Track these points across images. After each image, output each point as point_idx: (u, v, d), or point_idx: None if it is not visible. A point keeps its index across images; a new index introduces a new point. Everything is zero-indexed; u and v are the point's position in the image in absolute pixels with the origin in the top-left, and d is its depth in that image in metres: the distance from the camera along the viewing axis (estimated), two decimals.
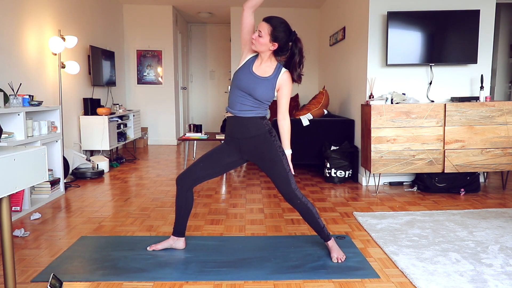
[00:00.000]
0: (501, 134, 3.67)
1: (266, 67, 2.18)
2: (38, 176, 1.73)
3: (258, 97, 2.17)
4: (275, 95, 2.23)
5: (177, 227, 2.40)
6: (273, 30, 2.08)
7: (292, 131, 4.46)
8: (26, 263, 2.25)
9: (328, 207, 3.34)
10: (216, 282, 2.03)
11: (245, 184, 4.17)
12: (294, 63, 2.16)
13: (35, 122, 3.37)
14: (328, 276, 2.09)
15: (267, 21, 2.12)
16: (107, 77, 5.73)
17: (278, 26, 2.09)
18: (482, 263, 2.22)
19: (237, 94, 2.20)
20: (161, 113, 7.22)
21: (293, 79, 2.20)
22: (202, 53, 8.96)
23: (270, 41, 2.09)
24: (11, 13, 3.64)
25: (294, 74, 2.18)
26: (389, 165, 3.70)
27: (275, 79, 2.18)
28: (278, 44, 2.11)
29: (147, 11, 7.00)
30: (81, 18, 5.16)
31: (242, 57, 2.25)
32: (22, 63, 3.83)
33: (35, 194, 3.52)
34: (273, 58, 2.19)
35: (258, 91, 2.15)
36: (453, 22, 3.84)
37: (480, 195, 3.71)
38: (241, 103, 2.20)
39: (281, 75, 2.18)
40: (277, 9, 7.06)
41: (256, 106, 2.21)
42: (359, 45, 4.38)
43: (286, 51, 2.16)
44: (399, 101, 3.77)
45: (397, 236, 2.65)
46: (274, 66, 2.19)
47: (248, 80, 2.16)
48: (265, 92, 2.16)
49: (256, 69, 2.18)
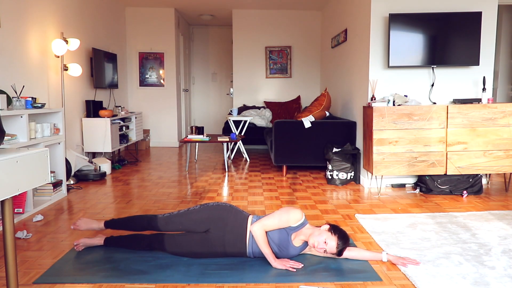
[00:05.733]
0: (503, 136, 3.66)
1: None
2: (41, 178, 1.73)
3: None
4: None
5: (114, 223, 2.47)
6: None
7: (294, 133, 4.49)
8: (28, 265, 2.25)
9: (330, 209, 3.34)
10: (218, 284, 2.03)
11: (246, 186, 4.17)
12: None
13: (38, 124, 3.38)
14: (330, 279, 2.08)
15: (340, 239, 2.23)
16: (109, 80, 5.75)
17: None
18: (485, 265, 2.21)
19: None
20: (163, 115, 7.23)
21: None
22: (204, 55, 8.97)
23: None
24: (14, 16, 3.65)
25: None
26: (391, 167, 3.69)
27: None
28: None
29: (149, 14, 7.02)
30: (83, 21, 5.18)
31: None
32: (25, 65, 3.84)
33: (38, 196, 3.53)
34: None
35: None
36: (455, 24, 3.83)
37: (482, 197, 3.70)
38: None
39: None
40: (279, 11, 7.08)
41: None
42: (361, 47, 4.38)
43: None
44: (401, 103, 3.76)
45: (400, 238, 2.64)
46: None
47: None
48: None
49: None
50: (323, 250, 2.18)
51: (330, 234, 2.19)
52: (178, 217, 2.35)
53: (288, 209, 2.27)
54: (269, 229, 2.24)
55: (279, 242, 2.25)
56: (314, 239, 2.19)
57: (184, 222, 2.33)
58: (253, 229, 2.22)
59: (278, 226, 2.24)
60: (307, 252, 2.37)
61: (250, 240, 2.26)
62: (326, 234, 2.18)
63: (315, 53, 7.25)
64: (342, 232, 2.21)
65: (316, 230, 2.24)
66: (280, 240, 2.25)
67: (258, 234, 2.21)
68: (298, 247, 2.29)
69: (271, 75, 7.29)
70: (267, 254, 2.21)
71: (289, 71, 7.28)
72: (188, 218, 2.33)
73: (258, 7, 6.94)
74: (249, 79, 7.30)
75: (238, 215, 2.32)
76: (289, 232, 2.26)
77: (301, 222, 2.27)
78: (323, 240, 2.17)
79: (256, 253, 2.28)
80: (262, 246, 2.21)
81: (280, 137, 4.53)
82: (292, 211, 2.25)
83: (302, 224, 2.27)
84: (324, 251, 2.19)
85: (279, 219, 2.24)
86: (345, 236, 2.20)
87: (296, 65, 7.29)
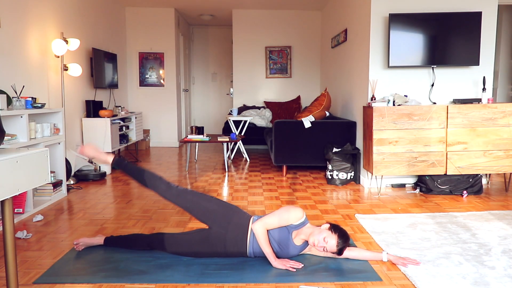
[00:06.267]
0: (503, 136, 3.66)
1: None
2: (41, 178, 1.73)
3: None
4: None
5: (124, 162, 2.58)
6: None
7: (294, 133, 4.49)
8: (28, 265, 2.25)
9: (330, 209, 3.34)
10: (218, 284, 2.03)
11: (246, 186, 4.17)
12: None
13: (38, 124, 3.38)
14: (330, 279, 2.08)
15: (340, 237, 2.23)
16: (109, 80, 5.74)
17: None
18: (485, 265, 2.21)
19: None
20: (163, 115, 7.23)
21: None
22: (204, 55, 8.97)
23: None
24: (14, 16, 3.65)
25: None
26: (391, 167, 3.69)
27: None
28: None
29: (149, 14, 7.02)
30: (83, 21, 5.18)
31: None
32: (25, 65, 3.84)
33: (38, 196, 3.53)
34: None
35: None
36: (455, 24, 3.83)
37: (482, 197, 3.70)
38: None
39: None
40: (279, 11, 7.08)
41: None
42: (361, 47, 4.38)
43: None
44: (401, 103, 3.76)
45: (400, 238, 2.64)
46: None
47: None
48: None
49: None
50: (323, 249, 2.19)
51: (331, 232, 2.19)
52: (191, 195, 2.36)
53: (289, 207, 2.28)
54: (270, 227, 2.25)
55: (280, 240, 2.25)
56: (314, 238, 2.19)
57: (193, 202, 2.34)
58: (255, 228, 2.23)
59: (279, 224, 2.25)
60: (307, 252, 2.37)
61: (251, 240, 2.26)
62: (326, 233, 2.19)
63: (315, 53, 7.25)
64: (342, 231, 2.22)
65: (316, 229, 2.24)
66: (281, 238, 2.25)
67: (260, 232, 2.22)
68: (299, 246, 2.29)
69: (271, 75, 7.30)
70: (268, 254, 2.21)
71: (289, 71, 7.28)
72: (197, 201, 2.34)
73: (258, 7, 6.94)
74: (249, 79, 7.30)
75: (242, 216, 2.32)
76: (290, 230, 2.26)
77: (302, 221, 2.27)
78: (323, 239, 2.17)
79: (256, 252, 2.28)
80: (263, 245, 2.21)
81: (280, 137, 4.53)
82: (293, 209, 2.26)
83: (303, 223, 2.28)
84: (323, 249, 2.19)
85: (280, 217, 2.24)
86: (345, 235, 2.21)
87: (296, 65, 7.29)
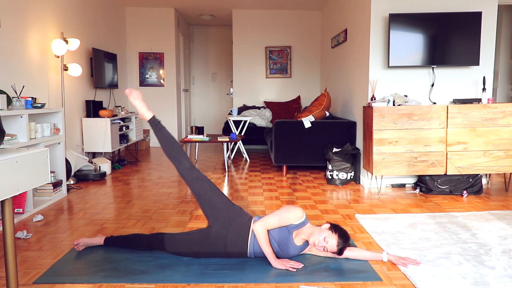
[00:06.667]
0: (503, 136, 3.66)
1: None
2: (41, 178, 1.73)
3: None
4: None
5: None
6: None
7: (294, 133, 4.49)
8: (28, 265, 2.25)
9: (330, 209, 3.34)
10: (218, 284, 2.03)
11: (246, 186, 4.17)
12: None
13: (38, 124, 3.38)
14: (330, 279, 2.08)
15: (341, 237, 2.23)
16: (109, 80, 5.75)
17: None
18: (485, 265, 2.21)
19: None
20: (163, 115, 7.23)
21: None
22: (204, 55, 8.98)
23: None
24: (14, 16, 3.65)
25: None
26: (391, 167, 3.69)
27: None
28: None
29: (149, 14, 7.02)
30: (83, 21, 5.18)
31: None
32: (25, 65, 3.84)
33: (38, 196, 3.53)
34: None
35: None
36: (455, 24, 3.83)
37: (482, 197, 3.70)
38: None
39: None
40: (279, 11, 7.08)
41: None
42: (361, 47, 4.38)
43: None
44: (401, 103, 3.76)
45: (400, 238, 2.64)
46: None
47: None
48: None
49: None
50: (323, 248, 2.19)
51: (331, 232, 2.19)
52: (208, 184, 2.36)
53: (289, 207, 2.28)
54: (270, 227, 2.25)
55: (280, 240, 2.25)
56: (315, 237, 2.19)
57: (206, 192, 2.33)
58: (255, 228, 2.23)
59: (280, 223, 2.25)
60: (307, 252, 2.37)
61: (252, 240, 2.26)
62: (326, 233, 2.19)
63: (315, 53, 7.25)
64: (342, 231, 2.22)
65: (316, 229, 2.24)
66: (281, 238, 2.25)
67: (260, 232, 2.22)
68: (299, 246, 2.29)
69: (271, 75, 7.30)
70: (268, 254, 2.21)
71: (289, 71, 7.28)
72: (210, 193, 2.34)
73: (258, 7, 6.94)
74: (249, 79, 7.30)
75: (243, 217, 2.33)
76: (290, 230, 2.26)
77: (302, 221, 2.27)
78: (324, 238, 2.17)
79: (257, 253, 2.28)
80: (263, 245, 2.21)
81: (280, 137, 4.53)
82: (293, 209, 2.26)
83: (303, 223, 2.28)
84: (324, 249, 2.19)
85: (281, 217, 2.24)
86: (345, 235, 2.21)
87: (296, 65, 7.29)
